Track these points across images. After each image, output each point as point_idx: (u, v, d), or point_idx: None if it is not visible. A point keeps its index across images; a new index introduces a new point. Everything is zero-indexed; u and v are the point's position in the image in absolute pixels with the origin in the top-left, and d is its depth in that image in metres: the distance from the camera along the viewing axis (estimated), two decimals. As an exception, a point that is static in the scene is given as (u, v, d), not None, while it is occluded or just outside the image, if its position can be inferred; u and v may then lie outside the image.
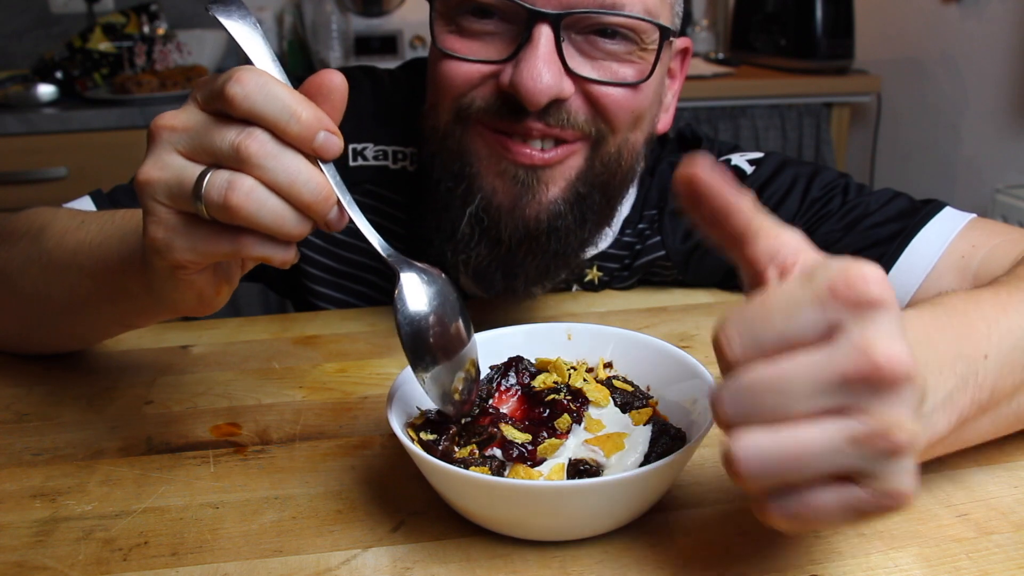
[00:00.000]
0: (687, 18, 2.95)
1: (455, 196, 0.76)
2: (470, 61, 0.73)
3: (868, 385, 0.39)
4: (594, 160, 0.76)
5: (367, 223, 0.53)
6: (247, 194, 0.48)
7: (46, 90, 2.27)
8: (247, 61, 0.53)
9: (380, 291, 0.96)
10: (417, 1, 2.91)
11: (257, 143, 0.48)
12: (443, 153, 0.77)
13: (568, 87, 0.71)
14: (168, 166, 0.50)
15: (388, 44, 2.84)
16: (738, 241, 0.44)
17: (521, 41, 0.69)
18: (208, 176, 0.48)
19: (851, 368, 0.38)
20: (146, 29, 2.52)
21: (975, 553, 0.51)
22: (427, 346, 0.52)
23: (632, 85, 0.74)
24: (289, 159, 0.48)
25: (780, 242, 0.44)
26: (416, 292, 0.52)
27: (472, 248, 0.76)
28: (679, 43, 0.81)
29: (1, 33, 2.66)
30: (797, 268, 0.43)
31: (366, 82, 0.95)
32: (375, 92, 0.94)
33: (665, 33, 0.73)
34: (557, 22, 0.69)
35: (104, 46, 2.45)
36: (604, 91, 0.73)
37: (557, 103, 0.72)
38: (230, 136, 0.48)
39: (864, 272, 0.39)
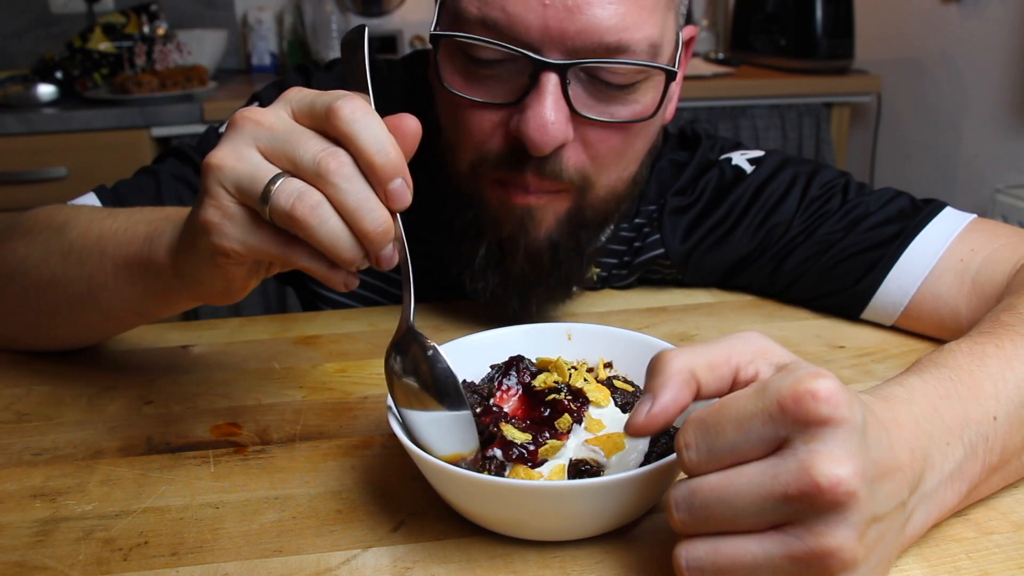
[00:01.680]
0: (688, 17, 2.95)
1: (469, 235, 0.79)
2: (479, 104, 0.73)
3: (810, 505, 0.40)
4: (582, 205, 0.77)
5: (411, 282, 0.55)
6: (313, 208, 0.48)
7: (46, 90, 2.27)
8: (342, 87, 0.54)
9: (383, 279, 0.96)
10: (417, 1, 2.91)
11: (337, 162, 0.49)
12: (458, 196, 0.79)
13: (571, 132, 0.71)
14: (245, 158, 0.50)
15: (388, 44, 2.84)
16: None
17: (528, 87, 0.69)
18: (280, 182, 0.49)
19: (793, 486, 0.40)
20: (146, 29, 2.52)
21: (975, 553, 0.51)
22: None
23: (638, 121, 0.74)
24: (361, 186, 0.49)
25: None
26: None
27: (488, 278, 0.80)
28: (684, 33, 0.81)
29: (1, 33, 2.66)
30: (757, 376, 0.46)
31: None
32: (375, 80, 0.94)
33: (670, 76, 0.73)
34: (564, 71, 0.68)
35: (104, 46, 2.45)
36: (601, 135, 0.73)
37: (556, 153, 0.72)
38: (315, 148, 0.49)
39: (814, 389, 0.40)
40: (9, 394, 0.75)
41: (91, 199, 0.87)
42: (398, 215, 0.52)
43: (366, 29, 0.56)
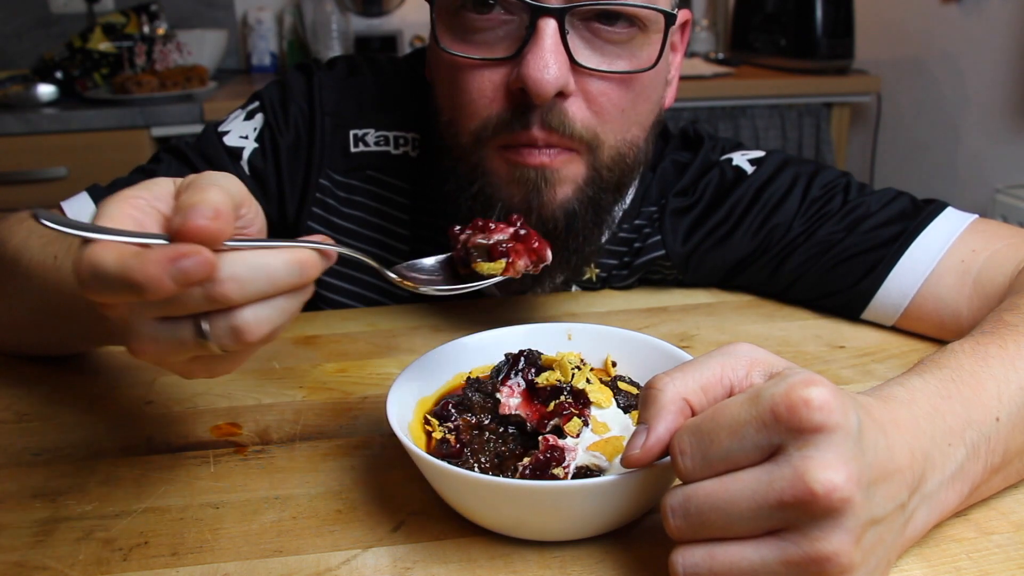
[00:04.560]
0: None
1: (475, 209, 0.77)
2: (475, 60, 0.72)
3: (805, 511, 0.40)
4: (596, 166, 0.76)
5: (351, 249, 0.52)
6: (255, 323, 0.44)
7: (46, 90, 2.27)
8: None
9: (383, 281, 0.95)
10: (417, 1, 2.91)
11: (230, 285, 0.42)
12: (462, 171, 0.78)
13: (572, 82, 0.71)
14: (156, 337, 0.44)
15: (388, 44, 2.84)
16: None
17: (526, 36, 0.69)
18: (204, 327, 0.43)
19: (788, 493, 0.40)
20: (146, 29, 2.52)
21: (975, 553, 0.51)
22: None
23: (639, 72, 0.73)
24: (259, 270, 0.43)
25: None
26: None
27: None
28: (680, 16, 0.81)
29: (1, 33, 2.66)
30: (750, 383, 0.46)
31: (367, 68, 0.95)
32: (376, 78, 0.94)
33: (670, 19, 0.73)
34: (562, 16, 0.69)
35: (104, 46, 2.45)
36: (602, 88, 0.73)
37: (559, 105, 0.72)
38: (197, 292, 0.42)
39: (807, 396, 0.40)
40: (9, 394, 0.75)
41: (84, 200, 0.86)
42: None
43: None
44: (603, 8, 0.70)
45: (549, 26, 0.69)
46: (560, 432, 0.54)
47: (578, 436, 0.53)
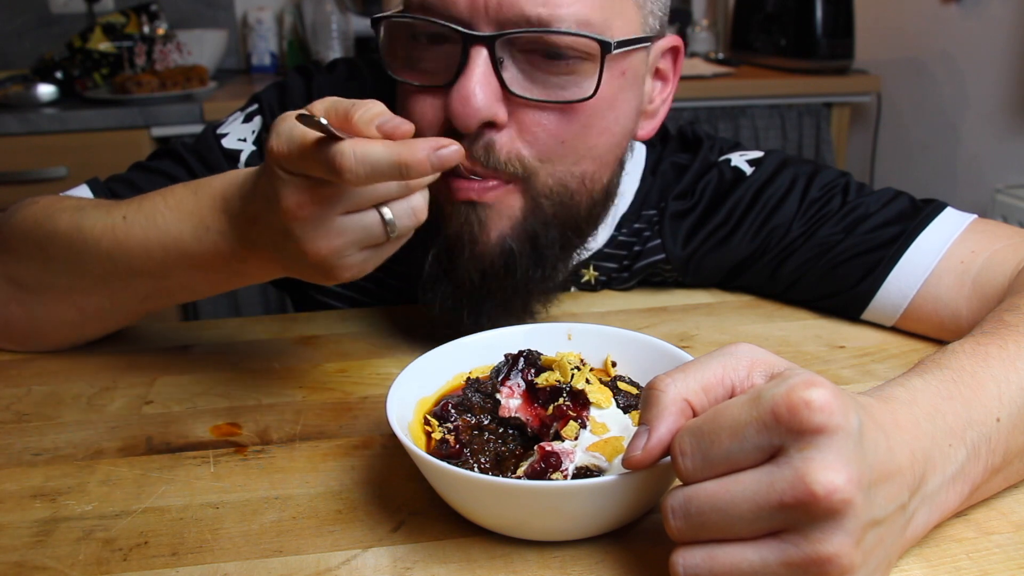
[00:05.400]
0: (686, 17, 2.95)
1: (419, 238, 0.72)
2: (418, 88, 0.72)
3: (806, 512, 0.40)
4: (536, 198, 0.73)
5: None
6: (425, 205, 0.59)
7: (46, 90, 2.26)
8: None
9: (379, 284, 0.96)
10: (417, 1, 2.91)
11: (416, 171, 0.54)
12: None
13: (502, 112, 0.69)
14: (344, 231, 0.58)
15: (388, 44, 2.83)
16: None
17: (460, 64, 0.68)
18: (387, 215, 0.58)
19: (789, 494, 0.40)
20: (146, 29, 2.52)
21: (975, 553, 0.51)
22: None
23: (575, 102, 0.70)
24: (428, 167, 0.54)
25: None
26: None
27: (438, 288, 0.76)
28: (664, 43, 0.78)
29: (1, 33, 2.66)
30: (751, 384, 0.46)
31: (367, 71, 0.95)
32: (376, 81, 0.94)
33: (605, 47, 0.68)
34: (492, 43, 0.67)
35: (104, 46, 2.45)
36: (538, 118, 0.70)
37: (486, 136, 0.69)
38: (395, 184, 0.57)
39: (808, 398, 0.40)
40: (9, 394, 0.75)
41: (83, 191, 0.87)
42: None
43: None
44: (533, 36, 0.67)
45: (480, 55, 0.67)
46: (558, 436, 0.54)
47: (576, 439, 0.53)
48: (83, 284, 0.75)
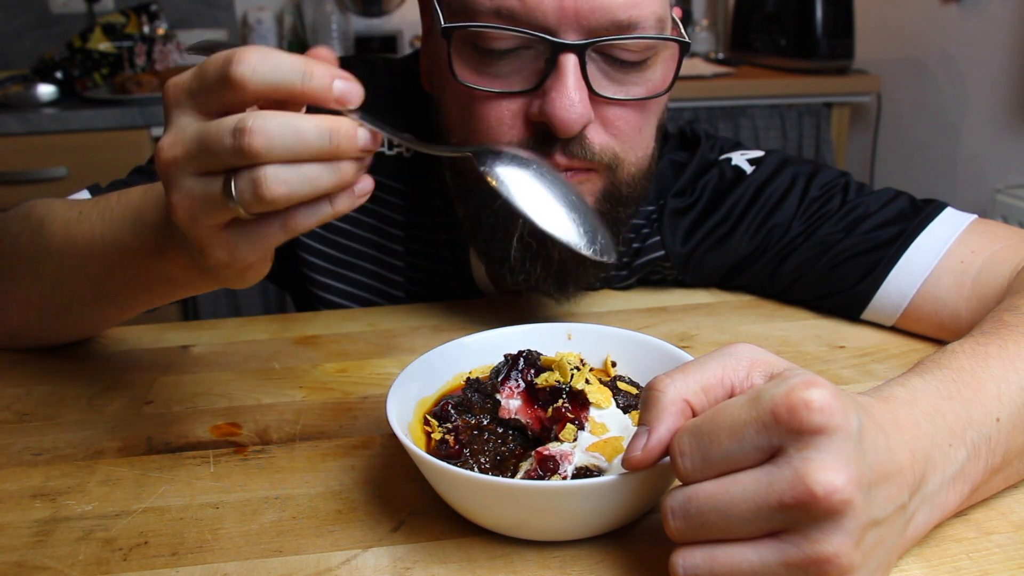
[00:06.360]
0: (686, 17, 2.95)
1: (498, 226, 0.78)
2: (497, 94, 0.72)
3: (806, 512, 0.40)
4: (615, 182, 0.77)
5: (406, 134, 0.55)
6: (275, 181, 0.47)
7: (46, 90, 2.27)
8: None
9: (380, 280, 0.96)
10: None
11: (258, 137, 0.46)
12: (480, 191, 0.77)
13: (592, 113, 0.72)
14: (191, 192, 0.50)
15: (388, 44, 2.84)
16: None
17: (546, 71, 0.70)
18: (232, 183, 0.48)
19: (788, 495, 0.40)
20: (146, 29, 2.52)
21: (975, 553, 0.51)
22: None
23: (654, 97, 0.75)
24: (288, 127, 0.47)
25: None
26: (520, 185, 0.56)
27: (527, 269, 0.79)
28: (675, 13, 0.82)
29: (1, 33, 2.66)
30: (750, 384, 0.46)
31: (362, 70, 0.94)
32: (370, 78, 0.94)
33: (684, 48, 0.74)
34: (582, 51, 0.69)
35: (104, 46, 2.45)
36: (619, 113, 0.74)
37: (581, 135, 0.72)
38: (228, 142, 0.47)
39: (807, 398, 0.40)
40: (9, 394, 0.75)
41: (84, 196, 0.87)
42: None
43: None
44: (620, 42, 0.70)
45: (570, 61, 0.69)
46: (557, 438, 0.54)
47: (574, 441, 0.53)
48: (39, 284, 0.74)
